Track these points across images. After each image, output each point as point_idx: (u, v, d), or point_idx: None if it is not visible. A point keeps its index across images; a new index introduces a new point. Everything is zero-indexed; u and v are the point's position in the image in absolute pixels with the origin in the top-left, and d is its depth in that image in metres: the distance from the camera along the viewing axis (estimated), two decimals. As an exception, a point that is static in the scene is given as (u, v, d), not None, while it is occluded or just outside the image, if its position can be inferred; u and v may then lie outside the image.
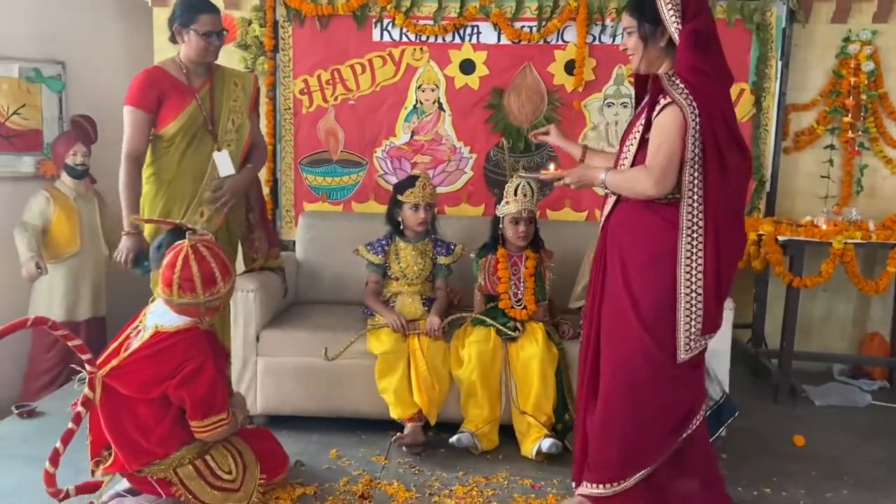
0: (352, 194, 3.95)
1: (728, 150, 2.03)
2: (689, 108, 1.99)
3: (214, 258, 2.20)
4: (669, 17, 2.04)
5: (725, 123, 2.03)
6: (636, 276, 2.13)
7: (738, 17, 3.71)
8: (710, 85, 2.02)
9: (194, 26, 2.66)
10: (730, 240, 2.09)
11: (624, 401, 2.17)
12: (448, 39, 3.82)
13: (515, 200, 2.85)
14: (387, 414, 2.83)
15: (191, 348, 2.20)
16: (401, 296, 3.01)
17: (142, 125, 2.68)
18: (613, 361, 2.18)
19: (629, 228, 2.17)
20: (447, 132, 3.89)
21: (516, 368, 2.80)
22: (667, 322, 2.10)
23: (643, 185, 2.08)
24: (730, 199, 2.08)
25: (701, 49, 2.02)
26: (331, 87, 3.88)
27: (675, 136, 2.02)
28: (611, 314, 2.20)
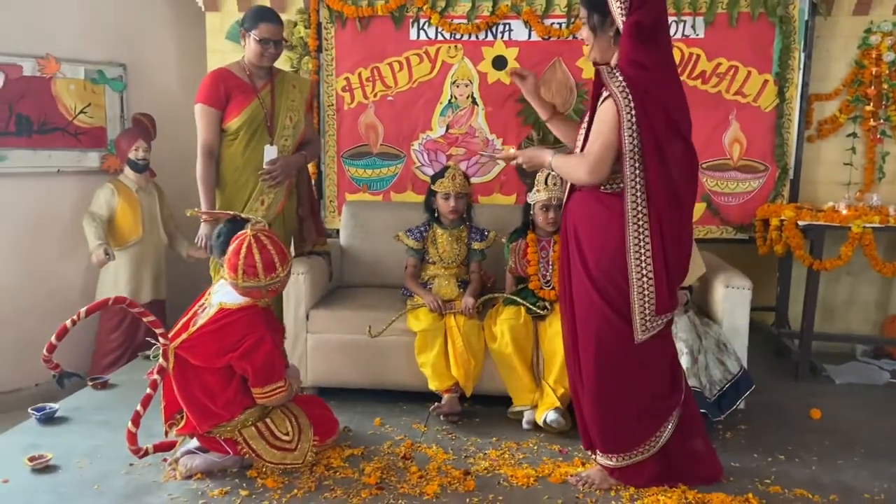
0: (391, 185, 4.20)
1: (668, 143, 2.10)
2: (625, 101, 2.05)
3: (274, 246, 2.45)
4: (616, 9, 2.10)
5: (666, 116, 2.09)
6: (593, 263, 2.26)
7: (761, 11, 3.84)
8: (649, 78, 2.07)
9: (254, 32, 2.93)
10: (675, 228, 2.18)
11: (606, 378, 2.29)
12: (481, 37, 4.03)
13: (546, 189, 3.05)
14: (426, 386, 3.07)
15: (251, 324, 2.47)
16: (438, 278, 3.25)
17: (212, 120, 2.98)
18: (588, 341, 2.31)
19: (582, 216, 2.30)
20: (480, 125, 4.10)
21: (544, 344, 3.01)
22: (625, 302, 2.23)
23: (579, 172, 2.20)
24: (672, 189, 2.14)
25: (643, 42, 2.06)
26: (371, 84, 4.12)
27: (610, 128, 2.10)
28: (579, 296, 2.32)
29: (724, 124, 3.97)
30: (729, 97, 3.94)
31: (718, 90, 3.94)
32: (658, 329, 2.27)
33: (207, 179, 3.01)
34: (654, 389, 2.34)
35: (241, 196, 3.04)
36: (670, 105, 2.14)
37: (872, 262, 3.57)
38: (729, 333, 3.00)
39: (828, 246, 3.62)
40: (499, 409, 3.10)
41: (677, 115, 2.15)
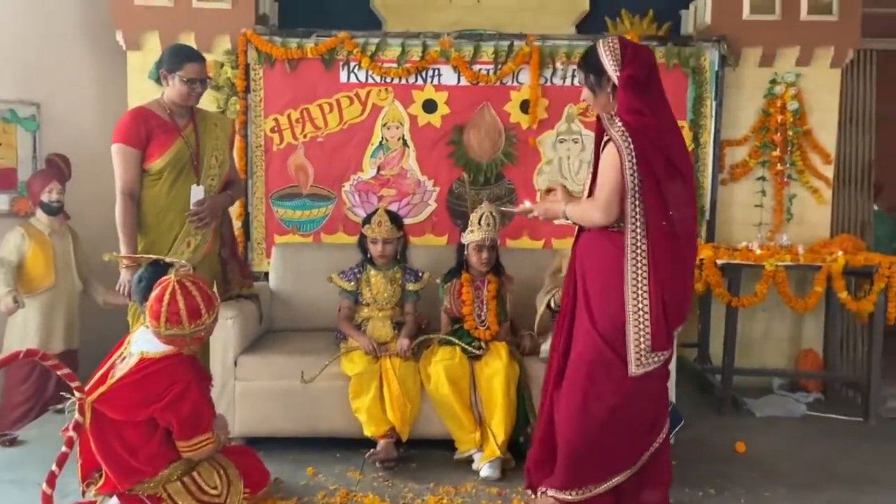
0: (321, 226, 4.15)
1: (667, 182, 2.23)
2: (625, 144, 2.20)
3: (200, 292, 2.35)
4: (609, 66, 2.28)
5: (665, 157, 2.23)
6: (594, 296, 2.34)
7: (675, 62, 4.06)
8: (645, 122, 2.22)
9: (180, 73, 2.86)
10: (673, 265, 2.27)
11: (588, 411, 2.32)
12: (411, 81, 4.09)
13: (479, 229, 3.09)
14: (360, 432, 2.99)
15: (175, 373, 2.35)
16: (372, 320, 3.20)
17: (132, 161, 2.86)
18: (579, 372, 2.35)
19: (588, 253, 2.40)
20: (412, 167, 4.13)
21: (481, 385, 3.00)
22: (622, 338, 2.28)
23: (592, 215, 2.33)
24: (670, 226, 2.24)
25: (638, 91, 2.24)
26: (300, 126, 4.09)
27: (614, 170, 2.24)
28: (578, 331, 2.39)
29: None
30: (649, 142, 4.11)
31: (639, 135, 4.11)
32: (654, 366, 2.30)
33: (128, 222, 2.88)
34: (635, 425, 2.35)
35: (166, 239, 2.92)
36: (668, 146, 2.26)
37: (785, 299, 3.77)
38: (657, 369, 3.07)
39: (744, 284, 3.79)
40: (436, 453, 3.06)
41: (675, 155, 2.28)
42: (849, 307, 3.68)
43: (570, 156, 4.14)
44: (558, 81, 4.09)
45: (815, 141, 4.19)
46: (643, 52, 2.33)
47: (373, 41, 4.03)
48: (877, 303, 3.61)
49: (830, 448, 3.31)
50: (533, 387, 3.04)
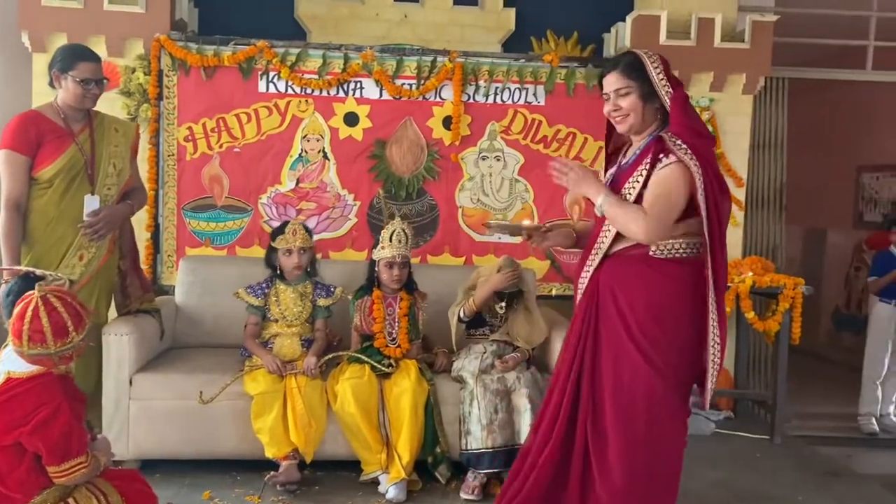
0: (236, 239, 4.01)
1: (721, 203, 2.12)
2: (695, 166, 2.05)
3: (67, 308, 2.19)
4: (660, 83, 2.16)
5: (717, 177, 2.13)
6: (637, 329, 2.13)
7: (595, 83, 4.08)
8: (704, 145, 2.14)
9: (73, 73, 2.72)
10: (724, 289, 2.16)
11: (647, 453, 2.14)
12: (332, 93, 4.01)
13: (391, 246, 3.03)
14: (261, 454, 2.87)
15: (43, 394, 2.18)
16: (279, 337, 3.09)
17: (20, 169, 2.69)
18: (629, 414, 2.14)
19: (625, 280, 2.18)
20: (332, 180, 4.05)
21: (389, 404, 2.93)
22: (682, 373, 2.16)
23: (637, 226, 2.08)
24: (725, 251, 2.14)
25: (692, 112, 2.18)
26: (216, 135, 3.96)
27: (679, 191, 2.08)
28: (618, 369, 2.17)
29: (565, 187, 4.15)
30: (569, 161, 4.14)
31: (559, 154, 4.15)
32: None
33: (12, 234, 2.68)
34: (678, 474, 2.22)
35: (55, 251, 2.75)
36: (715, 165, 2.17)
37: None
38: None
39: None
40: (341, 475, 2.97)
41: (719, 172, 2.18)
42: (756, 327, 3.76)
43: (493, 173, 4.13)
44: (481, 98, 4.09)
45: (728, 164, 4.30)
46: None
47: (293, 51, 3.95)
48: (782, 323, 3.71)
49: (736, 467, 3.36)
50: (444, 406, 2.98)
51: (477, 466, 2.84)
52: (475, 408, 2.87)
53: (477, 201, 4.14)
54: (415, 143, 4.08)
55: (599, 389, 2.21)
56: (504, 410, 2.89)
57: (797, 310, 3.67)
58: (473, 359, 3.03)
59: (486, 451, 2.83)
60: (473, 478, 2.86)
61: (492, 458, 2.83)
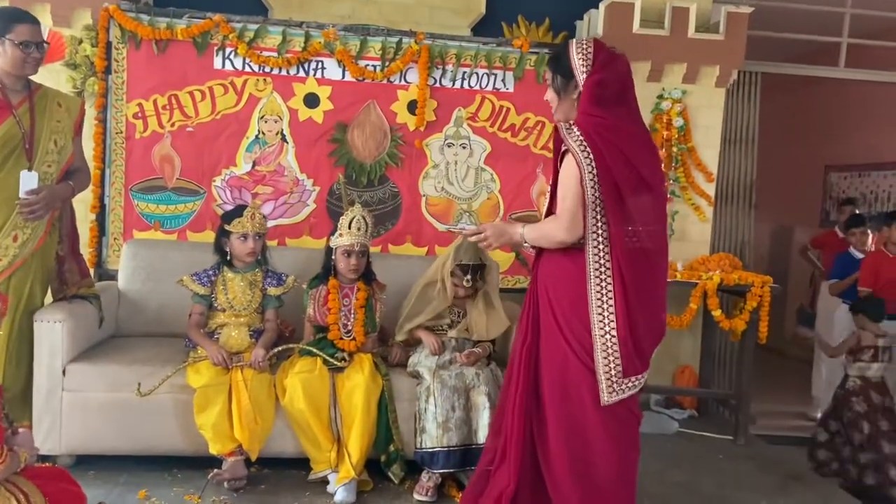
0: (187, 223, 3.82)
1: (631, 194, 2.06)
2: (583, 154, 2.03)
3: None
4: (579, 68, 2.11)
5: (629, 166, 2.06)
6: (564, 321, 2.14)
7: (566, 71, 3.98)
8: (608, 130, 2.06)
9: (10, 36, 2.52)
10: (643, 282, 2.09)
11: (573, 440, 2.13)
12: (292, 72, 3.83)
13: (349, 233, 2.88)
14: (204, 450, 2.71)
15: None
16: (226, 327, 2.91)
17: None
18: (558, 398, 2.14)
19: (552, 273, 2.19)
20: (290, 164, 3.87)
21: (341, 399, 2.78)
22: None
23: (556, 233, 2.12)
24: (637, 243, 2.07)
25: (604, 99, 2.07)
26: (167, 113, 3.76)
27: (573, 182, 2.06)
28: (551, 356, 2.17)
29: (532, 177, 4.05)
30: (536, 151, 4.03)
31: (527, 143, 4.02)
32: (630, 392, 2.11)
33: None
34: (619, 469, 2.14)
35: (-12, 229, 2.55)
36: (634, 156, 2.08)
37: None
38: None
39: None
40: (288, 474, 2.83)
41: (642, 166, 2.09)
42: (722, 325, 3.69)
43: (458, 161, 3.99)
44: (448, 83, 3.94)
45: (699, 158, 4.22)
46: (618, 61, 2.15)
47: (251, 27, 3.75)
48: (749, 321, 3.64)
49: (698, 468, 3.29)
50: (398, 402, 2.85)
51: (431, 466, 2.71)
52: (431, 404, 2.74)
53: (441, 190, 3.99)
54: (378, 127, 3.92)
55: (539, 378, 2.20)
56: (461, 408, 2.76)
57: (765, 308, 3.61)
58: (431, 353, 2.90)
59: (441, 450, 2.70)
60: (428, 478, 2.73)
61: (447, 457, 2.70)
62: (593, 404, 2.10)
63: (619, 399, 2.09)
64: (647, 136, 2.25)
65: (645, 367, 2.15)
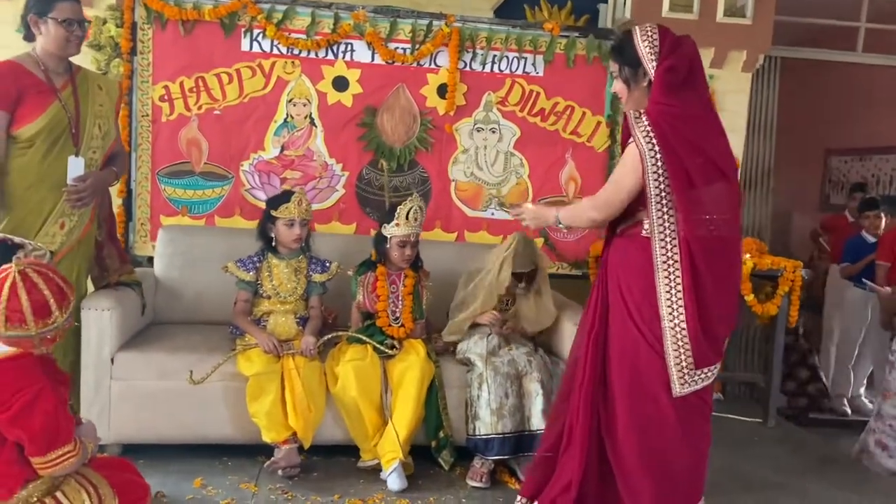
0: (215, 208, 3.76)
1: (704, 182, 2.02)
2: (648, 145, 2.00)
3: (48, 284, 1.95)
4: (647, 56, 2.07)
5: (700, 154, 2.01)
6: (635, 307, 2.11)
7: (595, 55, 3.96)
8: (679, 119, 2.02)
9: (53, 14, 2.44)
10: (716, 273, 2.05)
11: (648, 430, 2.11)
12: (321, 55, 3.77)
13: (406, 224, 2.85)
14: (254, 438, 2.69)
15: (23, 377, 1.94)
16: (273, 315, 2.89)
17: None
18: (631, 390, 2.12)
19: (621, 261, 2.18)
20: (319, 148, 3.82)
21: (393, 382, 2.77)
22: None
23: (587, 213, 2.17)
24: (711, 234, 2.04)
25: (675, 86, 2.04)
26: (194, 96, 3.69)
27: (627, 173, 2.06)
28: (622, 344, 2.15)
29: (561, 162, 4.03)
30: (566, 136, 4.01)
31: (556, 128, 4.00)
32: (703, 384, 2.10)
33: None
34: (691, 460, 2.15)
35: (35, 217, 2.48)
36: (705, 143, 2.05)
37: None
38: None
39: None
40: (338, 461, 2.82)
41: (714, 153, 2.06)
42: (754, 310, 3.72)
43: (487, 146, 3.97)
44: (478, 67, 3.90)
45: (725, 144, 4.23)
46: (685, 43, 2.11)
47: (280, 8, 3.67)
48: (780, 306, 3.68)
49: (735, 451, 3.33)
50: (448, 389, 2.84)
51: (485, 452, 2.71)
52: (485, 391, 2.74)
53: (470, 175, 3.97)
54: (407, 111, 3.87)
55: (607, 367, 2.19)
56: (514, 395, 2.76)
57: (796, 293, 3.64)
58: (479, 339, 2.90)
59: (495, 437, 2.70)
60: (481, 464, 2.73)
61: (501, 444, 2.70)
62: (665, 394, 2.10)
63: (691, 390, 2.09)
64: (718, 121, 2.21)
65: (718, 358, 2.14)
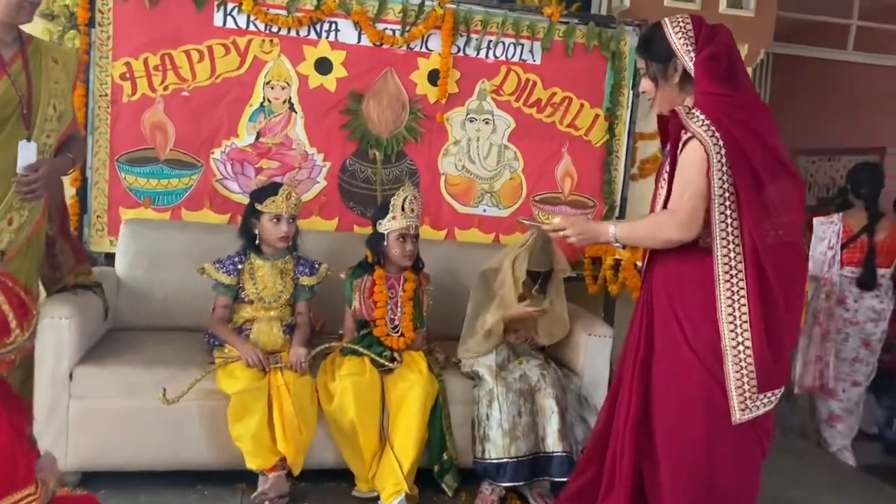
0: (182, 200, 3.39)
1: (773, 180, 1.81)
2: (711, 139, 1.79)
3: (7, 296, 1.63)
4: (682, 48, 1.89)
5: (765, 149, 1.82)
6: (691, 328, 1.89)
7: (595, 44, 3.73)
8: (736, 109, 1.83)
9: (1, -26, 2.06)
10: (786, 279, 1.85)
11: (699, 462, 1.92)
12: (302, 34, 3.43)
13: (404, 215, 2.56)
14: (234, 464, 2.39)
15: (-26, 408, 1.62)
16: (256, 323, 2.57)
17: None
18: (681, 419, 1.93)
19: (672, 281, 1.95)
20: (298, 136, 3.49)
21: (391, 402, 2.48)
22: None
23: (667, 231, 1.89)
24: (778, 238, 1.83)
25: (720, 75, 1.85)
26: (160, 75, 3.31)
27: (697, 173, 1.83)
28: (672, 369, 1.94)
29: (557, 156, 3.80)
30: (562, 129, 3.77)
31: (553, 120, 3.76)
32: (765, 409, 1.86)
33: None
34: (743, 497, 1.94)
35: (-22, 212, 2.11)
36: (768, 136, 1.83)
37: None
38: (589, 386, 2.73)
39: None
40: (329, 487, 2.54)
41: (776, 146, 1.85)
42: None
43: (480, 137, 3.69)
44: (472, 52, 3.62)
45: (725, 142, 4.06)
46: (722, 31, 1.92)
47: (258, -20, 3.34)
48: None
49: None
50: (452, 406, 2.58)
51: (497, 478, 2.45)
52: (495, 410, 2.48)
53: (462, 168, 3.69)
54: (395, 98, 3.57)
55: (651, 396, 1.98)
56: (528, 413, 2.51)
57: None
58: (530, 314, 2.63)
59: (508, 461, 2.44)
60: (491, 490, 2.48)
61: (515, 468, 2.44)
62: (723, 425, 1.87)
63: (752, 416, 1.86)
64: (768, 109, 2.01)
65: (785, 380, 1.93)
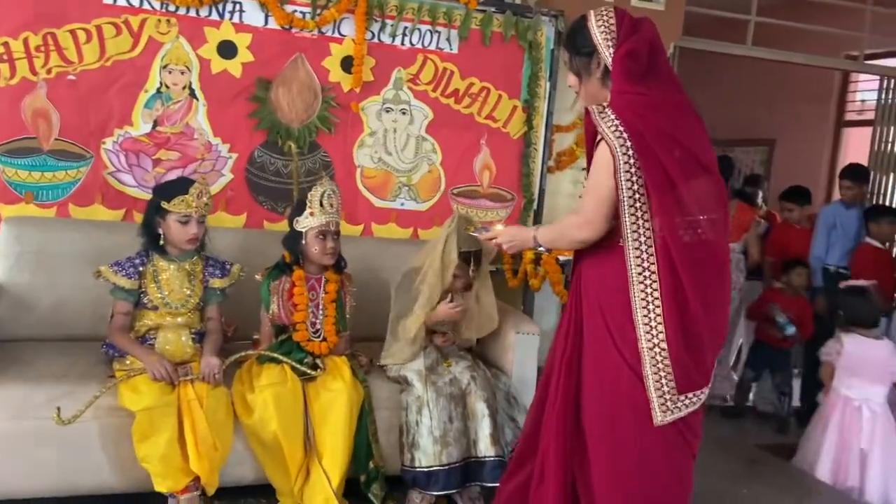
0: (69, 194, 3.07)
1: (684, 179, 1.76)
2: (618, 140, 1.74)
3: None
4: (603, 42, 1.83)
5: (679, 147, 1.77)
6: (616, 329, 1.84)
7: (513, 33, 3.67)
8: (649, 109, 1.77)
9: None
10: (704, 278, 1.81)
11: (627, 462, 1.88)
12: (203, 14, 3.18)
13: (322, 211, 2.40)
14: (141, 486, 2.18)
15: None
16: (162, 330, 2.34)
17: None
18: (611, 420, 1.89)
19: (597, 277, 1.89)
20: (200, 125, 3.23)
21: (314, 411, 2.33)
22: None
23: (573, 232, 1.89)
24: (696, 238, 1.79)
25: (639, 72, 1.79)
26: (42, 56, 2.97)
27: (602, 175, 1.79)
28: (599, 369, 1.90)
29: (476, 148, 3.72)
30: (480, 120, 3.69)
31: (471, 112, 3.67)
32: (687, 411, 1.82)
33: None
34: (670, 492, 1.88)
35: None
36: (683, 135, 1.78)
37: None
38: (518, 385, 2.67)
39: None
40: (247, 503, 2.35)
41: (694, 144, 1.79)
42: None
43: (397, 128, 3.56)
44: (387, 39, 3.47)
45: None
46: (644, 25, 1.87)
47: (153, -46, 3.06)
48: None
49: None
50: (377, 411, 2.45)
51: (428, 487, 2.34)
52: (426, 417, 2.37)
53: (378, 160, 3.55)
54: (307, 85, 3.37)
55: (581, 395, 1.95)
56: (459, 418, 2.41)
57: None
58: (450, 310, 2.51)
59: (440, 469, 2.34)
60: (420, 499, 2.37)
61: (447, 476, 2.34)
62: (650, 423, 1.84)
63: (674, 418, 1.84)
64: (691, 105, 1.97)
65: (706, 382, 1.90)
